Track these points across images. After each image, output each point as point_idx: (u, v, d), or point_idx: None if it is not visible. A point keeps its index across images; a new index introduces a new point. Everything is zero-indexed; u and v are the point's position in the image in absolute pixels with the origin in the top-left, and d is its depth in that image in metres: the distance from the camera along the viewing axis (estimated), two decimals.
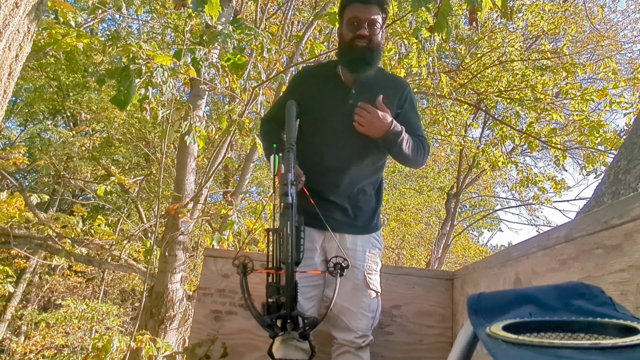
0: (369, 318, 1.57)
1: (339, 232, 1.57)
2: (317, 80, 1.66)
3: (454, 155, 10.47)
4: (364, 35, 1.49)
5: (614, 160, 1.66)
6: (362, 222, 1.61)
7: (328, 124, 1.58)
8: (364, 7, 1.50)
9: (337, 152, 1.57)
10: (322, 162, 1.57)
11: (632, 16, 9.76)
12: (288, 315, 1.18)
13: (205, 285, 1.99)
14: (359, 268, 1.57)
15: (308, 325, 1.21)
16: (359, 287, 1.56)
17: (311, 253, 1.54)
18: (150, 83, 2.33)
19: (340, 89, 1.59)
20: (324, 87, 1.62)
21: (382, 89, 1.58)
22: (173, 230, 3.92)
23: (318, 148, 1.58)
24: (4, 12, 1.51)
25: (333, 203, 1.58)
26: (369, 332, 1.58)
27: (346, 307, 1.54)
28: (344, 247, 1.57)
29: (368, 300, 1.57)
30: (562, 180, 6.74)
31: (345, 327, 1.55)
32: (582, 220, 0.92)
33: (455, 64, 7.57)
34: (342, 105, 1.57)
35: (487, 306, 0.61)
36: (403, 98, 1.63)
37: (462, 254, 13.00)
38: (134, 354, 3.43)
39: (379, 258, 1.66)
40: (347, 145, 1.57)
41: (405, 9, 4.68)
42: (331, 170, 1.57)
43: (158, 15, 6.65)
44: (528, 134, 5.90)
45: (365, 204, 1.63)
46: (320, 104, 1.60)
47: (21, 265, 9.37)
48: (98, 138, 9.23)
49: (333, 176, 1.57)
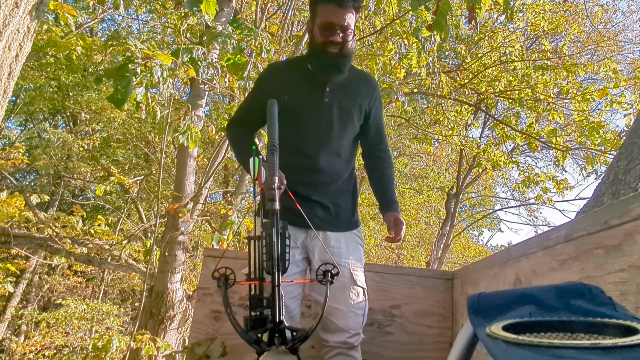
0: (359, 315, 1.54)
1: (322, 231, 1.56)
2: (289, 78, 1.60)
3: (454, 155, 10.47)
4: (337, 42, 1.46)
5: (614, 160, 1.66)
6: (343, 219, 1.61)
7: (306, 123, 1.56)
8: (338, 10, 1.45)
9: (316, 151, 1.56)
10: (302, 161, 1.55)
11: (633, 16, 9.76)
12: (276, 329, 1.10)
13: (205, 285, 1.99)
14: (344, 265, 1.55)
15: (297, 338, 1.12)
16: (346, 284, 1.53)
17: (293, 251, 1.51)
18: (150, 82, 2.33)
19: (315, 87, 1.56)
20: (298, 84, 1.58)
21: (354, 87, 1.60)
22: (173, 230, 3.91)
23: (297, 148, 1.55)
24: (4, 11, 1.50)
25: (315, 202, 1.56)
26: (360, 330, 1.55)
27: (335, 307, 1.51)
28: (328, 245, 1.55)
29: (356, 297, 1.54)
30: (564, 179, 6.74)
31: (336, 328, 1.51)
32: (581, 220, 0.92)
33: (455, 64, 7.57)
34: (319, 104, 1.55)
35: (487, 306, 0.61)
36: (374, 97, 1.65)
37: (462, 254, 13.01)
38: (133, 353, 3.42)
39: (362, 254, 1.65)
40: (326, 143, 1.56)
41: (405, 9, 4.68)
42: (312, 169, 1.56)
43: (158, 15, 6.64)
44: (528, 134, 5.90)
45: (345, 201, 1.63)
46: (296, 103, 1.55)
47: (21, 265, 9.37)
48: (98, 138, 9.23)
49: (314, 175, 1.56)
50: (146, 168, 9.17)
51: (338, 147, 1.59)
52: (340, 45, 1.47)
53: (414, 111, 8.03)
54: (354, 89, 1.60)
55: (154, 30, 7.18)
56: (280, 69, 1.68)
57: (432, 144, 7.88)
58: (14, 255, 8.70)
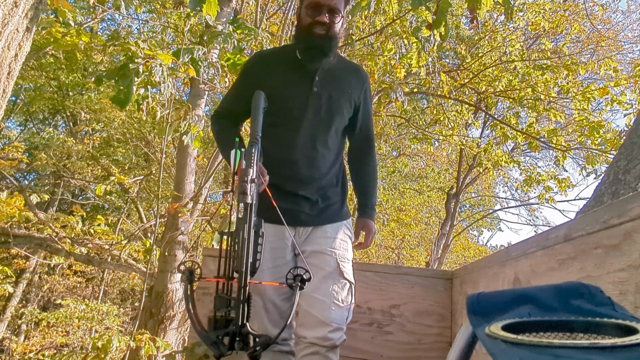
0: (344, 309, 1.43)
1: (311, 226, 1.49)
2: (277, 66, 1.53)
3: (454, 155, 10.47)
4: (323, 22, 1.41)
5: (614, 160, 1.66)
6: (332, 211, 1.54)
7: (294, 113, 1.48)
8: None
9: (304, 142, 1.48)
10: (289, 154, 1.47)
11: (633, 16, 9.76)
12: (237, 333, 1.02)
13: (205, 285, 1.99)
14: (330, 254, 1.45)
15: (259, 345, 1.04)
16: (331, 275, 1.43)
17: (283, 252, 1.45)
18: (150, 82, 2.33)
19: (304, 76, 1.50)
20: (285, 73, 1.51)
21: (345, 78, 1.55)
22: (173, 230, 3.92)
23: (284, 139, 1.47)
24: (3, 11, 1.50)
25: (302, 197, 1.48)
26: (343, 326, 1.43)
27: (316, 298, 1.39)
28: (316, 238, 1.48)
29: (340, 290, 1.43)
30: (567, 177, 6.74)
31: (315, 322, 1.38)
32: (581, 220, 0.92)
33: (455, 64, 7.57)
34: (308, 94, 1.48)
35: (486, 306, 0.61)
36: (364, 90, 1.60)
37: (462, 254, 13.00)
38: (133, 353, 3.42)
39: (351, 248, 1.56)
40: (314, 135, 1.49)
41: (405, 9, 4.69)
42: (299, 162, 1.48)
43: (158, 15, 6.64)
44: (528, 134, 5.90)
45: (334, 194, 1.56)
46: (284, 92, 1.48)
47: (21, 265, 9.38)
48: (98, 138, 9.23)
49: (302, 168, 1.48)
50: (146, 168, 9.18)
51: (326, 139, 1.52)
52: (327, 26, 1.42)
53: (414, 111, 8.03)
54: (345, 80, 1.55)
55: (153, 30, 7.18)
56: (268, 57, 1.62)
57: (432, 144, 7.88)
58: (13, 255, 8.70)
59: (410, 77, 6.17)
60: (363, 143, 1.69)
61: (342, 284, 1.44)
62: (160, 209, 4.39)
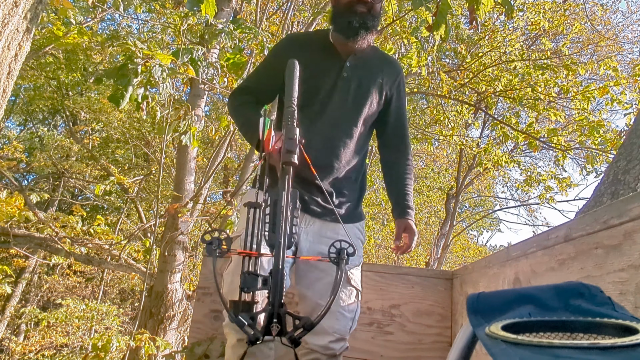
0: (348, 319, 1.36)
1: (320, 219, 1.41)
2: (308, 48, 1.47)
3: (454, 155, 10.47)
4: (366, 0, 1.35)
5: (614, 160, 1.66)
6: (345, 210, 1.45)
7: (319, 96, 1.42)
8: None
9: (328, 127, 1.41)
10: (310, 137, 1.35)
11: (633, 17, 9.77)
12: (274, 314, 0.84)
13: (205, 285, 1.99)
14: None
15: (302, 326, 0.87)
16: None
17: None
18: (149, 82, 2.33)
19: (335, 60, 1.44)
20: (316, 56, 1.45)
21: (377, 66, 1.49)
22: (173, 230, 3.92)
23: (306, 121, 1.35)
24: (3, 11, 1.50)
25: (316, 186, 1.38)
26: (346, 336, 1.37)
27: (321, 305, 1.31)
28: (324, 238, 1.38)
29: (347, 298, 1.37)
30: (568, 177, 6.74)
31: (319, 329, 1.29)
32: (581, 220, 0.92)
33: (455, 64, 7.57)
34: (337, 78, 1.43)
35: (486, 306, 0.60)
36: (397, 82, 1.53)
37: (462, 254, 13.01)
38: (133, 353, 3.42)
39: (362, 251, 1.49)
40: (338, 121, 1.43)
41: (405, 9, 4.69)
42: (319, 148, 1.37)
43: (158, 15, 6.64)
44: (528, 134, 5.90)
45: (350, 191, 1.48)
46: (311, 74, 1.40)
47: (20, 264, 9.37)
48: (97, 138, 9.23)
49: (320, 155, 1.36)
50: (146, 168, 9.17)
51: (351, 128, 1.44)
52: (370, 5, 1.36)
53: (414, 111, 8.04)
54: (376, 68, 1.46)
55: (153, 30, 7.17)
56: (300, 39, 1.57)
57: (432, 144, 7.88)
58: (13, 254, 8.70)
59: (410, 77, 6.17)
60: (397, 140, 1.59)
61: (349, 292, 1.38)
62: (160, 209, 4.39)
